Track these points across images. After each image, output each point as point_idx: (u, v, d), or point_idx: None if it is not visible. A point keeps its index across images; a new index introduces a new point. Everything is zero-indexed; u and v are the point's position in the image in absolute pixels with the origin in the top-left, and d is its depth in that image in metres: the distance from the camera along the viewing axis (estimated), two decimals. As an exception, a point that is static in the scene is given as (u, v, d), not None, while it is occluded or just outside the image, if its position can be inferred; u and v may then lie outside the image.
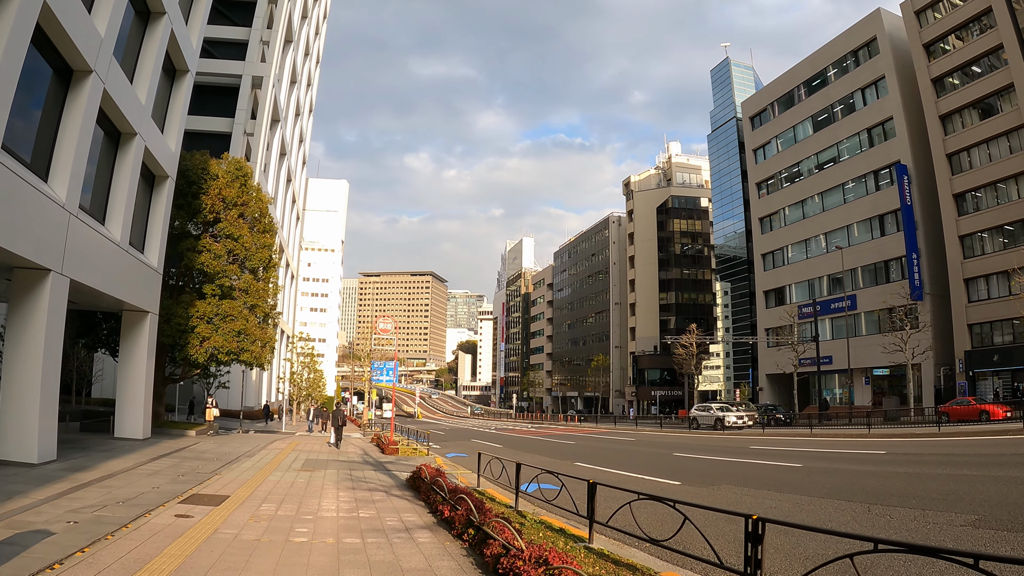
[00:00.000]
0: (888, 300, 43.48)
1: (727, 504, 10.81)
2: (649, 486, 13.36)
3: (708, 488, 13.11)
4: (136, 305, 18.76)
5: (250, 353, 24.49)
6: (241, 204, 24.99)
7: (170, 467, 14.10)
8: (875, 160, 48.78)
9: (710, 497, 11.82)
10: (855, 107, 51.14)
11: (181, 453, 16.91)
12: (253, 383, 48.11)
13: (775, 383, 57.53)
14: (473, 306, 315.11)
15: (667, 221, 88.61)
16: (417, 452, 20.74)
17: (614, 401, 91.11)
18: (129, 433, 19.05)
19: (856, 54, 51.47)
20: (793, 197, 57.15)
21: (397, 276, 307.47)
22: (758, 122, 62.84)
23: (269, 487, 12.04)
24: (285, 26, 48.34)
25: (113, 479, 12.02)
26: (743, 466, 17.43)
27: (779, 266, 58.59)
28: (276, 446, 21.77)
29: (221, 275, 24.15)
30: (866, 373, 48.31)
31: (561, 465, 18.59)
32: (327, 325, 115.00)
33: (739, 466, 17.46)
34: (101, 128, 16.34)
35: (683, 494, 12.29)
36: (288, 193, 61.37)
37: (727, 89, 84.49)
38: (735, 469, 16.73)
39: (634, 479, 14.87)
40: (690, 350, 63.33)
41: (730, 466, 17.55)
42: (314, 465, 16.41)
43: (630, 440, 32.08)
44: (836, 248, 48.97)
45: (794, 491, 12.19)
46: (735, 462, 18.52)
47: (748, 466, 17.39)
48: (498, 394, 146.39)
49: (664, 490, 12.86)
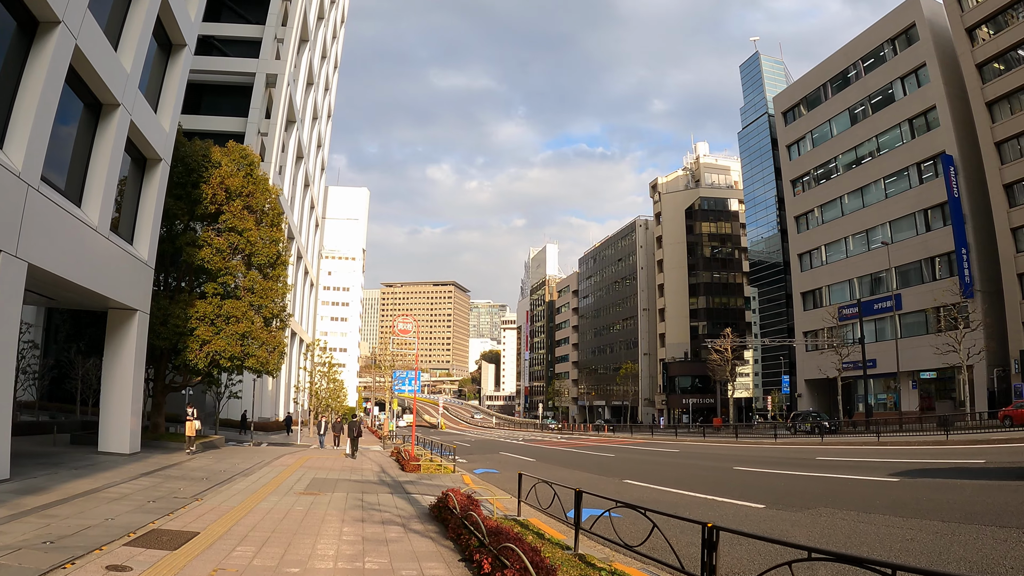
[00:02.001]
0: (938, 298, 40.57)
1: (846, 537, 8.13)
2: (730, 512, 10.76)
3: (803, 512, 10.51)
4: (122, 302, 16.47)
5: (256, 359, 22.14)
6: (246, 195, 22.72)
7: (144, 489, 11.66)
8: (918, 152, 46.21)
9: (815, 525, 9.27)
10: (894, 97, 48.61)
11: (167, 471, 14.51)
12: (269, 393, 45.96)
13: (814, 389, 55.24)
14: (496, 316, 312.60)
15: (696, 223, 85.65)
16: (442, 469, 18.11)
17: (643, 410, 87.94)
18: (114, 447, 16.71)
19: (894, 42, 48.98)
20: (831, 194, 54.65)
21: (419, 286, 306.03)
22: (791, 117, 60.62)
23: (256, 518, 9.52)
24: (300, 24, 46.59)
25: (65, 505, 9.61)
26: (823, 482, 14.71)
27: (817, 266, 56.16)
28: (283, 462, 19.29)
29: (224, 272, 21.87)
30: (913, 377, 45.28)
31: (609, 484, 15.96)
32: (348, 335, 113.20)
33: (818, 482, 14.74)
34: (74, 92, 14.13)
35: (779, 522, 9.62)
36: (306, 198, 59.63)
37: (757, 85, 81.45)
38: (815, 486, 14.02)
39: (709, 502, 12.16)
40: (725, 355, 60.29)
41: (808, 482, 14.85)
42: (320, 486, 13.87)
43: (674, 452, 29.39)
44: (882, 244, 46.20)
45: (913, 514, 9.52)
46: (811, 477, 15.82)
47: (830, 482, 14.67)
48: (523, 404, 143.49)
49: (751, 517, 10.26)
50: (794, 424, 41.68)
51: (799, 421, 41.67)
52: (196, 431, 19.60)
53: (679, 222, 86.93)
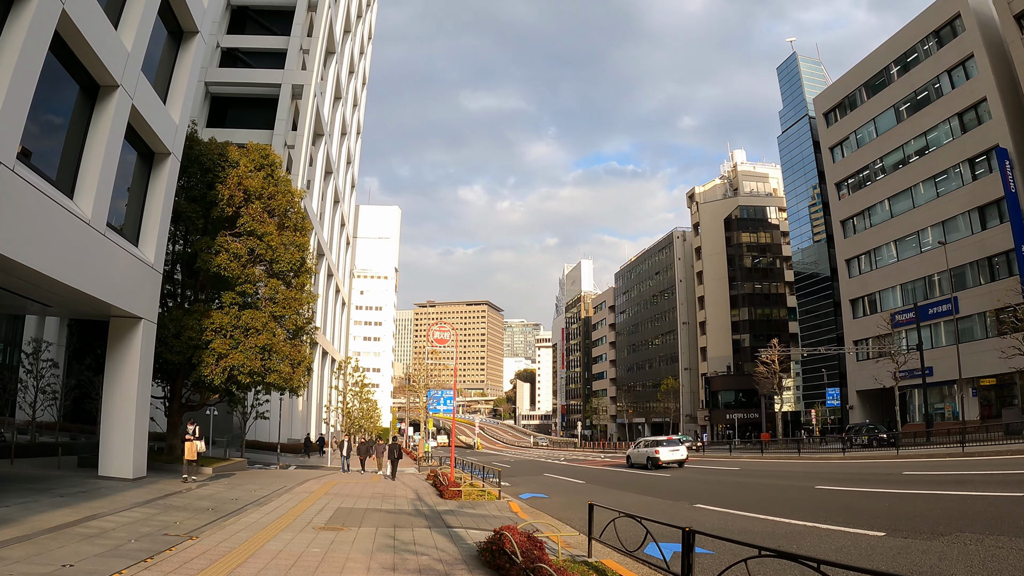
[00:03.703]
0: (1001, 299, 37.30)
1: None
2: (848, 544, 8.66)
3: (938, 540, 8.40)
4: (124, 309, 14.66)
5: (278, 374, 20.17)
6: (267, 196, 20.97)
7: (131, 524, 9.62)
8: (969, 147, 43.09)
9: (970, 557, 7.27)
10: (942, 91, 45.64)
11: (169, 500, 12.50)
12: (300, 413, 44.24)
13: (866, 400, 51.99)
14: (530, 335, 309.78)
15: (735, 233, 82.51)
16: (485, 495, 15.77)
17: (685, 426, 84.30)
18: (116, 471, 14.80)
19: (938, 34, 46.17)
20: (878, 195, 51.64)
21: (452, 306, 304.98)
22: (833, 118, 57.91)
23: (256, 567, 7.35)
24: (326, 35, 45.55)
25: (22, 545, 7.60)
26: (936, 501, 12.31)
27: (866, 271, 53.00)
28: (307, 488, 17.18)
29: (242, 280, 20.05)
30: (973, 383, 41.76)
31: (679, 510, 13.57)
32: (382, 354, 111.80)
33: (930, 501, 12.37)
34: (64, 68, 12.46)
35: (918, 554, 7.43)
36: (336, 215, 58.49)
37: (796, 87, 78.43)
38: (930, 506, 11.62)
39: (814, 531, 9.73)
40: (772, 367, 57.04)
41: (917, 502, 12.50)
42: (345, 518, 11.67)
43: (735, 470, 26.73)
44: (938, 244, 43.11)
45: None
46: (918, 495, 13.50)
47: (945, 500, 12.28)
48: (559, 422, 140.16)
49: (878, 549, 8.32)
50: (849, 437, 38.72)
51: (854, 434, 38.80)
52: (198, 453, 16.73)
53: (718, 232, 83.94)
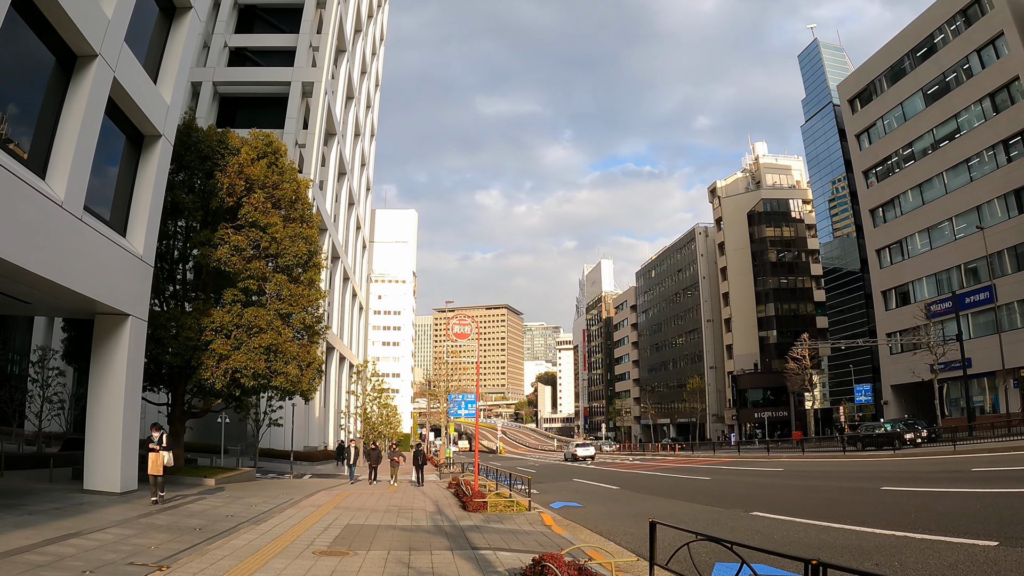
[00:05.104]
0: None
1: None
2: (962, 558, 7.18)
3: None
4: (108, 304, 13.21)
5: (285, 377, 18.66)
6: (271, 186, 19.53)
7: (98, 548, 8.07)
8: (1003, 128, 40.94)
9: None
10: (972, 72, 43.53)
11: (154, 518, 10.96)
12: (316, 420, 42.87)
13: (901, 395, 49.74)
14: (550, 338, 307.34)
15: (758, 227, 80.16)
16: (514, 505, 14.02)
17: (712, 426, 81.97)
18: (102, 484, 13.33)
19: (965, 13, 44.11)
20: (909, 182, 49.40)
21: (472, 310, 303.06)
22: (858, 104, 55.74)
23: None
24: (336, 32, 44.34)
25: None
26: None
27: (898, 261, 50.74)
28: (315, 500, 15.59)
29: (245, 275, 18.59)
30: (1014, 375, 39.46)
31: (733, 518, 11.84)
32: (401, 359, 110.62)
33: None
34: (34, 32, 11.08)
35: None
36: (351, 217, 57.29)
37: (819, 74, 76.10)
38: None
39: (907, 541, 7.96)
40: (802, 363, 54.79)
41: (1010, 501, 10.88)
42: (353, 538, 10.02)
43: (779, 471, 24.87)
44: (977, 229, 41.02)
45: None
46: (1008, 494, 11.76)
47: None
48: (582, 425, 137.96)
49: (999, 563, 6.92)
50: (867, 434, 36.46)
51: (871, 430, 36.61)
52: (164, 466, 12.92)
53: (741, 226, 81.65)
